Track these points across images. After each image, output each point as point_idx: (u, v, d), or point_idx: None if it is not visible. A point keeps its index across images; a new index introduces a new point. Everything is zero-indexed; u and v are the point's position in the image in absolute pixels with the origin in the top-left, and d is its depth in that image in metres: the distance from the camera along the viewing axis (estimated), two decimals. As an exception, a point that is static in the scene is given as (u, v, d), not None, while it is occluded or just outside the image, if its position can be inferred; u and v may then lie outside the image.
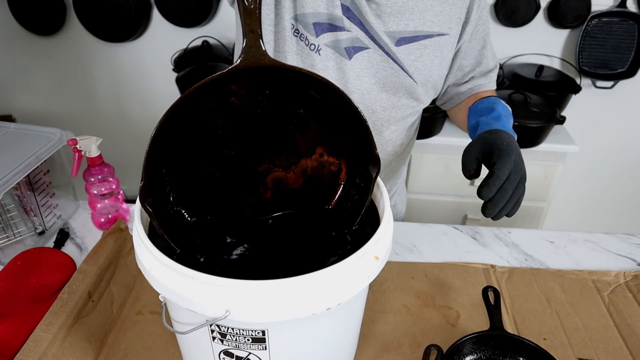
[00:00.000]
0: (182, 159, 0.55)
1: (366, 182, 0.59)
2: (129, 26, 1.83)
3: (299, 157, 0.60)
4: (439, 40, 0.83)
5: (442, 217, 1.84)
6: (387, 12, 0.79)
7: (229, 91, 0.52)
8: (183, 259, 0.54)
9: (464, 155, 0.73)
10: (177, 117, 0.49)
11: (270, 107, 0.55)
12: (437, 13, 0.81)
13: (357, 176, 0.61)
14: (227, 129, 0.55)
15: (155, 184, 0.53)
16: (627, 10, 1.74)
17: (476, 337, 0.70)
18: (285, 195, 0.61)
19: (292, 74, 0.50)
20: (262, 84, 0.53)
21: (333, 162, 0.61)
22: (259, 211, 0.61)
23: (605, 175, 2.13)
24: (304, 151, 0.59)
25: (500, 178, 0.65)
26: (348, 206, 0.62)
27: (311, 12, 0.78)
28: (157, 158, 0.51)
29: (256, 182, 0.60)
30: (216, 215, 0.59)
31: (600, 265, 0.90)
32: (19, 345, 0.68)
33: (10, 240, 0.89)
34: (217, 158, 0.57)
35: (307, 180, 0.61)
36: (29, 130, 0.93)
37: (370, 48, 0.81)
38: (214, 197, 0.59)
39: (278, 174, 0.60)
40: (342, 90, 0.51)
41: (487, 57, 0.90)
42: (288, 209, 0.62)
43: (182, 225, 0.57)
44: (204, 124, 0.54)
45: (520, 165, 0.69)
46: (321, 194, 0.62)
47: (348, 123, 0.56)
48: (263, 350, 0.52)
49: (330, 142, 0.59)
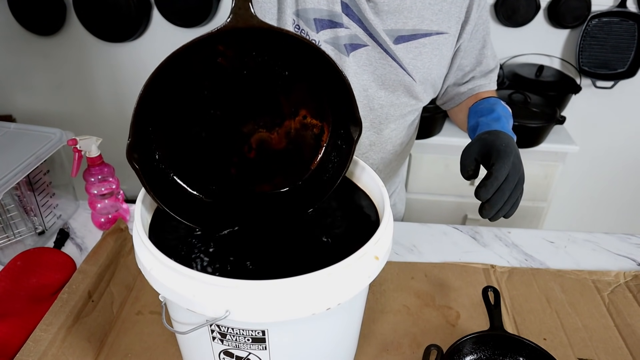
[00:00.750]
0: (169, 118, 0.56)
1: (347, 144, 0.60)
2: (129, 26, 1.83)
3: (283, 119, 0.60)
4: (437, 39, 0.83)
5: (442, 217, 1.84)
6: (385, 10, 0.79)
7: (217, 51, 0.53)
8: (183, 259, 0.54)
9: (463, 156, 0.73)
10: (165, 76, 0.50)
11: (257, 68, 0.56)
12: (436, 12, 0.81)
13: (339, 138, 0.62)
14: (214, 90, 0.56)
15: (143, 143, 0.54)
16: (627, 10, 1.74)
17: (476, 337, 0.70)
18: (269, 156, 0.62)
19: (279, 36, 0.51)
20: (249, 46, 0.54)
21: (316, 125, 0.62)
22: (243, 171, 0.62)
23: (605, 175, 2.13)
24: (288, 113, 0.60)
25: (498, 179, 0.65)
26: (329, 167, 0.63)
27: (312, 8, 0.78)
28: (144, 116, 0.52)
29: (241, 142, 0.61)
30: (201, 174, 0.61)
31: (600, 265, 0.90)
32: (19, 345, 0.68)
33: (10, 240, 0.89)
34: (203, 118, 0.57)
35: (291, 141, 0.62)
36: (29, 130, 0.93)
37: (369, 45, 0.82)
38: (200, 157, 0.60)
39: (262, 135, 0.61)
40: (327, 54, 0.52)
41: (487, 57, 0.90)
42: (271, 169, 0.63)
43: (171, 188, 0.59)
44: (191, 84, 0.55)
45: (518, 166, 0.69)
46: (304, 155, 0.64)
47: (332, 86, 0.57)
48: (263, 350, 0.52)
49: (314, 105, 0.60)
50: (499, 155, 0.68)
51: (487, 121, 0.80)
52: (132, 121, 0.50)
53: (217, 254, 0.58)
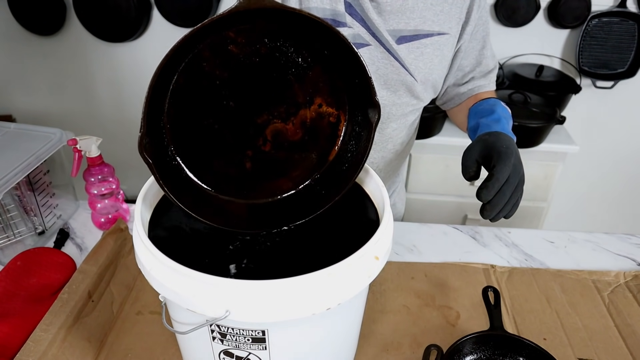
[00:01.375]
0: (181, 109, 0.54)
1: (367, 130, 0.59)
2: (129, 26, 1.83)
3: (298, 108, 0.59)
4: (439, 40, 0.84)
5: (442, 217, 1.84)
6: (388, 10, 0.80)
7: (227, 38, 0.52)
8: (183, 259, 0.54)
9: (464, 157, 0.73)
10: (175, 64, 0.48)
11: (269, 55, 0.54)
12: (437, 12, 0.82)
13: (357, 125, 0.60)
14: (226, 79, 0.54)
15: (155, 135, 0.52)
16: (627, 10, 1.74)
17: (476, 337, 0.70)
18: (284, 148, 0.60)
19: (292, 16, 0.49)
20: (261, 30, 0.53)
21: (332, 113, 0.60)
22: (258, 165, 0.60)
23: (605, 175, 2.13)
24: (302, 102, 0.58)
25: (500, 181, 0.66)
26: (348, 157, 0.61)
27: (315, 7, 0.79)
28: (156, 107, 0.50)
29: (255, 135, 0.59)
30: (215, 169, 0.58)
31: (600, 265, 0.90)
32: (19, 345, 0.68)
33: (10, 240, 0.89)
34: (215, 109, 0.56)
35: (307, 131, 0.60)
36: (29, 130, 0.93)
37: (371, 45, 0.82)
38: (213, 151, 0.58)
39: (277, 126, 0.58)
40: (342, 34, 0.51)
41: (486, 57, 0.91)
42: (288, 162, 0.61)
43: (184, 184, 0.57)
44: (202, 73, 0.53)
45: (519, 167, 0.70)
46: (321, 145, 0.62)
47: (347, 70, 0.56)
48: (263, 350, 0.52)
49: (330, 92, 0.59)
50: (499, 157, 0.69)
51: (488, 122, 0.80)
52: (144, 111, 0.48)
53: (218, 254, 0.58)
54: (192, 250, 0.57)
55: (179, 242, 0.59)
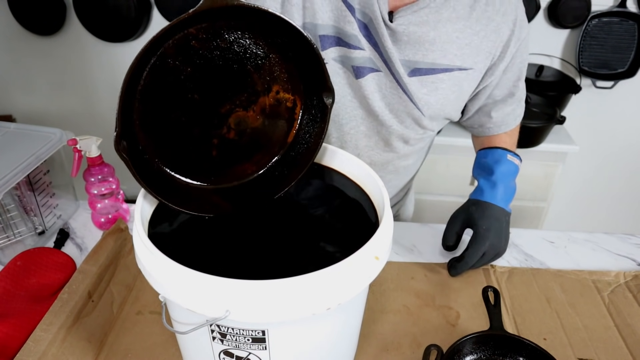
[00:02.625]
0: (150, 106, 0.57)
1: (322, 113, 0.63)
2: (129, 26, 1.83)
3: (258, 96, 0.62)
4: (459, 75, 0.79)
5: (442, 217, 1.84)
6: (404, 41, 0.75)
7: (190, 35, 0.55)
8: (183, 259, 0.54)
9: (448, 226, 0.84)
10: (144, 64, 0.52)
11: (229, 48, 0.58)
12: (462, 46, 0.76)
13: (314, 108, 0.65)
14: (189, 73, 0.57)
15: (131, 133, 0.55)
16: (627, 10, 1.74)
17: (476, 337, 0.70)
18: (247, 134, 0.64)
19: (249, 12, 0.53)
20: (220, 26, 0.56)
21: (288, 99, 0.64)
22: (224, 152, 0.64)
23: (605, 175, 2.13)
24: (261, 89, 0.62)
25: (468, 264, 0.80)
26: (307, 138, 0.66)
27: (321, 24, 0.76)
28: (130, 107, 0.53)
29: (219, 124, 0.62)
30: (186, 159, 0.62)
31: (600, 265, 0.90)
32: (19, 345, 0.68)
33: (10, 240, 0.89)
34: (181, 103, 0.59)
35: (266, 117, 0.64)
36: (29, 130, 0.93)
37: (381, 71, 0.78)
38: (182, 142, 0.61)
39: (239, 114, 0.62)
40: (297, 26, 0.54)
41: (520, 90, 0.87)
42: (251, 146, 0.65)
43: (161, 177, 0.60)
44: (168, 70, 0.56)
45: (497, 245, 0.79)
46: (280, 129, 0.66)
47: (302, 58, 0.60)
48: (263, 350, 0.52)
49: (286, 79, 0.63)
50: (475, 240, 0.79)
51: (483, 184, 0.85)
52: (118, 111, 0.51)
53: (217, 253, 0.58)
54: (192, 250, 0.57)
55: (179, 242, 0.59)
